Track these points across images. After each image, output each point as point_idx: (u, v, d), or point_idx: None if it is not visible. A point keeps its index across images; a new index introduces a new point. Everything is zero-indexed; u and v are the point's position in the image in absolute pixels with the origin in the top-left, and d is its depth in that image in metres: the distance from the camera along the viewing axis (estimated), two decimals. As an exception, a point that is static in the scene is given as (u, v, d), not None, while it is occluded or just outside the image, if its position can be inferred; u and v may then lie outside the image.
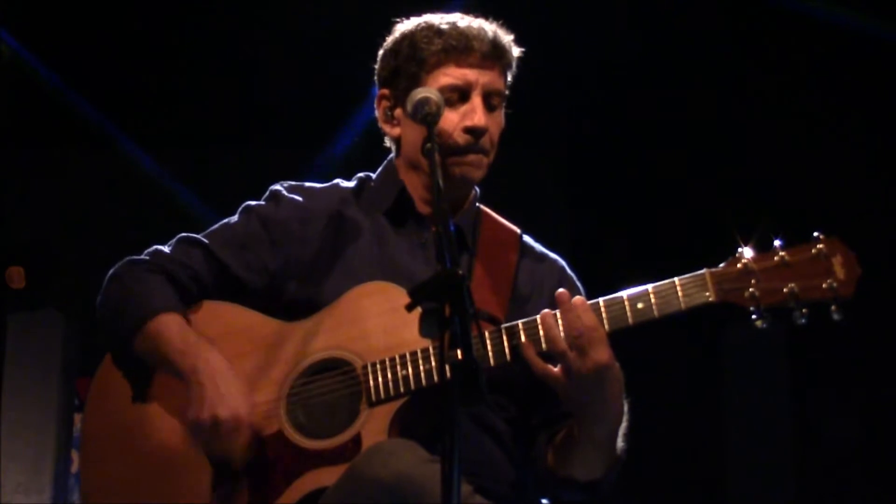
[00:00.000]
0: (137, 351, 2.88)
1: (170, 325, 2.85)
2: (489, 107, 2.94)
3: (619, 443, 2.79)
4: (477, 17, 2.99)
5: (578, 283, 3.05)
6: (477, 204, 3.09)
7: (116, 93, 6.10)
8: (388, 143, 3.10)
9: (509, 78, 3.01)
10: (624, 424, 2.78)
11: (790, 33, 5.56)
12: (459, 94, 2.91)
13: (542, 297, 2.96)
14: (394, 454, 2.53)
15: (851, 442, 6.02)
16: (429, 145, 2.64)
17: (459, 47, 2.91)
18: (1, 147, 5.88)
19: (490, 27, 2.96)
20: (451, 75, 2.91)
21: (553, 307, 2.73)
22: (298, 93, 5.95)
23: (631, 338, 2.75)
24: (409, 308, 2.32)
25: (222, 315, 2.92)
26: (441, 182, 2.53)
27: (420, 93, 2.77)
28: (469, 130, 2.89)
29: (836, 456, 6.06)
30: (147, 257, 2.97)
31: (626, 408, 2.76)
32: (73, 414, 6.34)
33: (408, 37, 2.97)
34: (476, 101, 2.91)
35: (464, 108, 2.90)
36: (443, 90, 2.85)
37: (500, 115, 2.98)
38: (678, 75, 5.80)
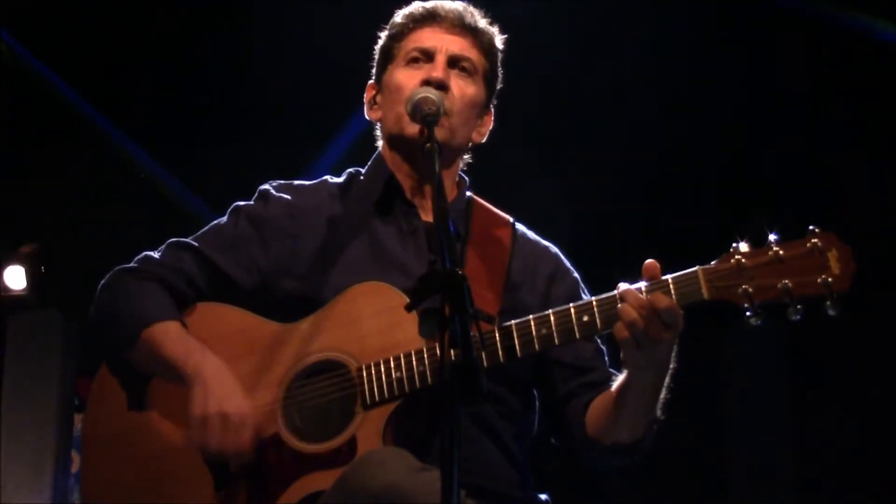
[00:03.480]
0: (134, 361, 2.87)
1: (167, 333, 2.84)
2: (459, 72, 2.96)
3: (662, 394, 2.75)
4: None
5: (574, 271, 3.05)
6: (467, 192, 3.09)
7: (117, 93, 6.10)
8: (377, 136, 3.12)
9: (493, 61, 3.03)
10: (670, 373, 2.72)
11: (787, 31, 5.57)
12: (425, 57, 2.96)
13: (535, 285, 2.96)
14: (382, 465, 2.51)
15: (851, 442, 6.02)
16: (429, 145, 2.63)
17: (426, 16, 3.00)
18: (1, 147, 5.89)
19: (465, 6, 3.03)
20: (417, 40, 2.98)
21: (547, 295, 2.83)
22: (299, 93, 5.95)
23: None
24: (409, 308, 2.31)
25: (219, 317, 2.91)
26: (438, 168, 2.53)
27: (420, 93, 2.79)
28: (425, 82, 2.90)
29: (836, 455, 6.06)
30: (137, 265, 2.95)
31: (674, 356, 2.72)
32: (73, 414, 6.35)
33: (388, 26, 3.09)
34: (439, 59, 2.95)
35: (427, 66, 2.95)
36: (409, 53, 2.96)
37: (471, 84, 2.98)
38: (677, 74, 5.80)
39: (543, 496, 2.94)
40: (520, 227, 3.09)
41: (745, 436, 6.33)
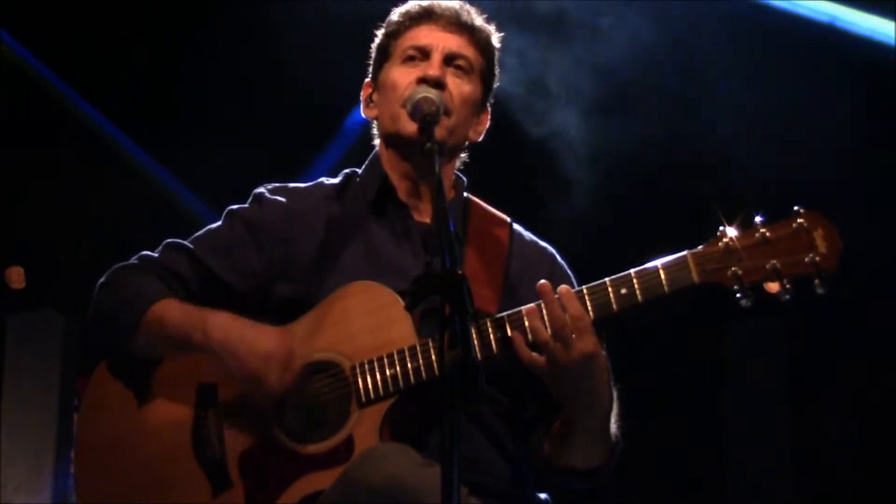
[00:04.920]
0: (140, 345, 2.86)
1: (170, 306, 2.84)
2: (455, 70, 2.97)
3: (613, 428, 2.78)
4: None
5: (570, 272, 3.06)
6: (465, 193, 3.09)
7: (117, 93, 6.10)
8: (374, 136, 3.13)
9: (490, 59, 3.05)
10: (615, 410, 2.77)
11: (767, 22, 5.61)
12: (421, 55, 2.97)
13: (532, 285, 2.95)
14: (386, 459, 2.52)
15: (851, 442, 6.02)
16: (429, 145, 2.63)
17: (423, 14, 3.02)
18: (1, 147, 5.89)
19: (461, 4, 3.04)
20: (413, 38, 3.00)
21: None
22: (300, 94, 5.95)
23: (632, 336, 2.75)
24: (409, 309, 2.32)
25: None
26: (438, 168, 2.54)
27: (420, 92, 2.80)
28: (421, 80, 2.91)
29: (836, 456, 6.06)
30: (135, 261, 2.97)
31: (615, 394, 2.76)
32: (73, 414, 6.33)
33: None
34: (435, 57, 2.96)
35: (423, 64, 2.96)
36: (405, 51, 2.97)
37: (467, 82, 2.99)
38: (672, 70, 5.81)
39: (543, 495, 2.94)
40: (517, 227, 3.10)
41: (744, 436, 6.32)
